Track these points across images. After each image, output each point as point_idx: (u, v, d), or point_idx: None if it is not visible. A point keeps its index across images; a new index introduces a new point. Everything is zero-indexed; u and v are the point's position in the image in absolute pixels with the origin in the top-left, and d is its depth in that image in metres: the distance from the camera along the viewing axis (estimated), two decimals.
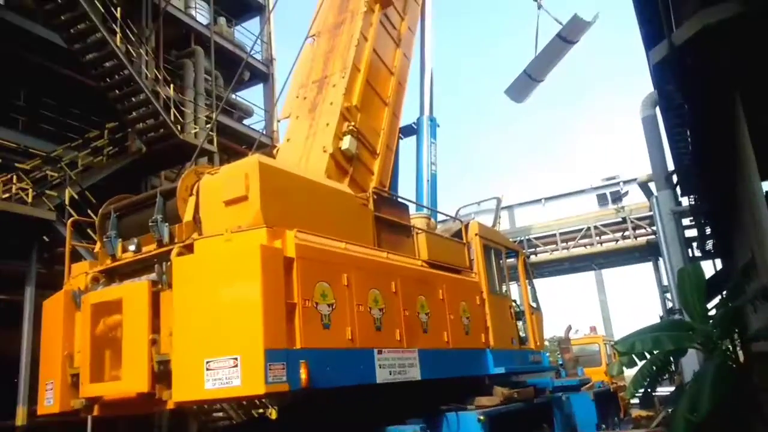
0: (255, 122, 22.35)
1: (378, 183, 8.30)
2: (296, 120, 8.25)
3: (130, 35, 14.62)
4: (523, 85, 20.13)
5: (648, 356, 6.71)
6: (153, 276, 4.98)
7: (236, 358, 4.20)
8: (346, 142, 7.64)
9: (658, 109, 13.40)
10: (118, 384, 4.98)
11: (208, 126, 16.94)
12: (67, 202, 12.59)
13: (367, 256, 5.72)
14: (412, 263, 6.60)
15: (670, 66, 6.24)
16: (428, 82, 12.86)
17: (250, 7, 22.96)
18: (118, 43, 13.56)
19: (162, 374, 4.66)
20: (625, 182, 26.00)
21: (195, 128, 16.84)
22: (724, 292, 8.13)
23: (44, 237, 12.66)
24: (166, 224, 5.29)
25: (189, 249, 4.90)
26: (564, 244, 24.37)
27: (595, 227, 23.76)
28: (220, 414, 6.68)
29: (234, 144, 19.81)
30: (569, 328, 17.74)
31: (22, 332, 11.95)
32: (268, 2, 22.60)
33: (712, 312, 6.69)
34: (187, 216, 5.18)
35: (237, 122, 20.69)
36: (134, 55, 14.66)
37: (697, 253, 18.09)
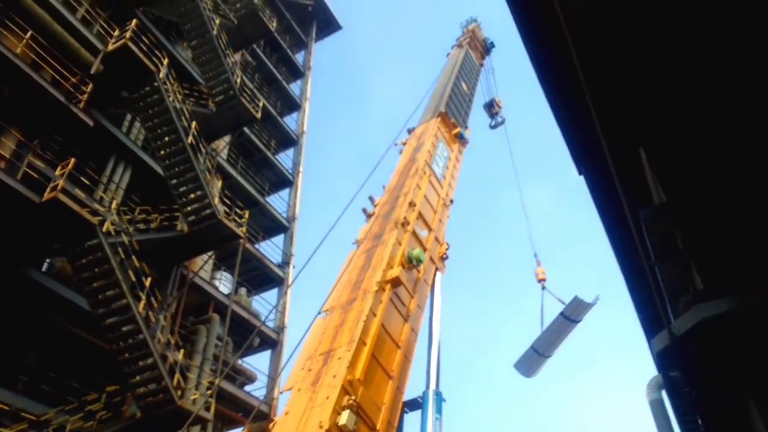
0: (257, 388, 21.88)
1: None
2: (297, 392, 8.19)
3: (154, 302, 15.39)
4: (531, 360, 20.05)
5: None
6: None
7: None
8: (344, 417, 7.45)
9: (664, 392, 13.00)
10: None
11: (209, 392, 16.56)
12: None
13: None
14: None
15: (673, 355, 6.28)
16: (435, 355, 12.93)
17: (271, 280, 24.76)
18: (141, 310, 14.20)
19: None
20: None
21: (195, 394, 16.46)
22: None
23: None
24: None
25: None
26: None
27: None
28: None
29: (231, 411, 19.04)
30: None
31: None
32: (288, 276, 24.38)
33: None
34: None
35: (238, 388, 20.25)
36: (153, 320, 15.23)
37: None
